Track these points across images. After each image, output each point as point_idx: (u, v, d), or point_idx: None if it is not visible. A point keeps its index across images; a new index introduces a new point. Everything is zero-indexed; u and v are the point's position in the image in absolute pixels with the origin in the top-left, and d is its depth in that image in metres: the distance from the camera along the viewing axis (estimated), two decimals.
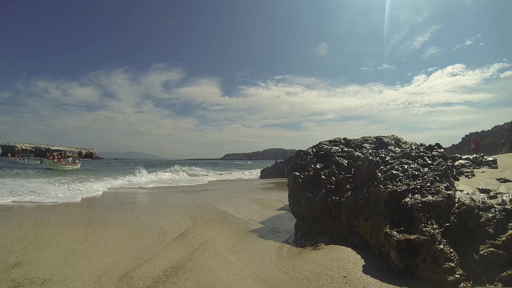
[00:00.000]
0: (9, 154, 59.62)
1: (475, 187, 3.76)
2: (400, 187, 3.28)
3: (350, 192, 4.08)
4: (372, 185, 3.72)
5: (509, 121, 30.58)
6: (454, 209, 2.93)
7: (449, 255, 2.53)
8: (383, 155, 4.46)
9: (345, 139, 5.87)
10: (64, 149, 70.22)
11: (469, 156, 6.25)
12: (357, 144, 5.61)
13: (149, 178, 17.40)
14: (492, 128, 35.78)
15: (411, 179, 3.46)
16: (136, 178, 16.13)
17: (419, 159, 4.07)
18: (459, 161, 5.44)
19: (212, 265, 3.36)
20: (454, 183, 3.86)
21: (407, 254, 2.68)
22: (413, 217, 2.91)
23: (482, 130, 36.62)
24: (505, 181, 3.95)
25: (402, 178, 3.52)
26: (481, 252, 2.64)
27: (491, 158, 6.22)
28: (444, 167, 3.82)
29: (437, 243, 2.60)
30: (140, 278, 3.01)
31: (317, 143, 5.91)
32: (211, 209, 7.10)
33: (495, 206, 2.98)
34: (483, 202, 3.06)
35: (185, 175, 21.78)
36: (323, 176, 4.56)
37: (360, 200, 3.73)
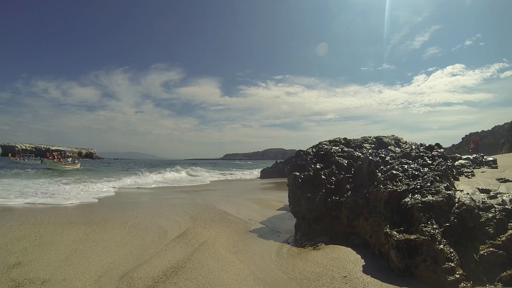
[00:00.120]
0: (10, 154, 59.68)
1: (475, 187, 3.76)
2: (400, 187, 3.28)
3: (350, 192, 4.08)
4: (372, 185, 3.72)
5: (509, 121, 30.56)
6: (454, 209, 2.93)
7: (449, 255, 2.53)
8: (383, 155, 4.46)
9: (345, 139, 5.86)
10: (64, 149, 70.24)
11: (469, 156, 6.25)
12: (357, 144, 5.60)
13: (153, 178, 17.56)
14: (492, 128, 35.75)
15: (411, 179, 3.46)
16: (140, 179, 16.30)
17: (419, 159, 4.07)
18: (459, 161, 5.44)
19: (212, 265, 3.36)
20: (454, 183, 3.86)
21: (407, 254, 2.68)
22: (413, 217, 2.91)
23: (482, 130, 36.59)
24: (505, 181, 3.95)
25: (402, 178, 3.52)
26: (481, 252, 2.65)
27: (491, 158, 6.22)
28: (444, 167, 3.82)
29: (437, 243, 2.61)
30: (140, 278, 3.01)
31: (317, 143, 5.90)
32: (211, 209, 7.10)
33: (495, 206, 2.98)
34: (483, 202, 3.06)
35: (187, 175, 21.94)
36: (323, 176, 4.56)
37: (360, 200, 3.73)
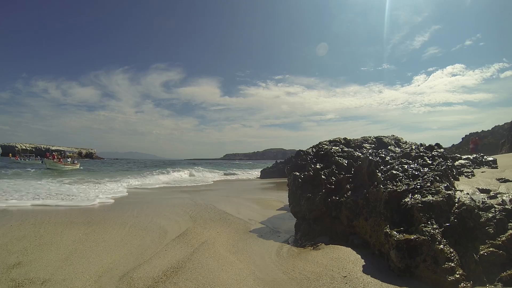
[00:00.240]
0: (10, 154, 59.81)
1: (475, 187, 3.76)
2: (400, 187, 3.28)
3: (350, 192, 4.08)
4: (372, 185, 3.72)
5: (509, 121, 30.51)
6: (454, 209, 2.93)
7: (449, 255, 2.53)
8: (383, 155, 4.46)
9: (345, 139, 5.86)
10: (64, 149, 70.26)
11: (469, 156, 6.24)
12: (357, 144, 5.60)
13: (160, 178, 17.73)
14: (492, 128, 35.70)
15: (411, 179, 3.46)
16: (146, 179, 16.47)
17: (419, 159, 4.07)
18: (459, 161, 5.44)
19: (212, 265, 3.36)
20: (454, 183, 3.85)
21: (407, 254, 2.68)
22: (413, 217, 2.91)
23: (482, 130, 36.54)
24: (505, 181, 3.94)
25: (402, 178, 3.52)
26: (481, 252, 2.64)
27: (491, 158, 6.22)
28: (444, 167, 3.82)
29: (437, 243, 2.60)
30: (140, 278, 3.01)
31: (317, 143, 5.91)
32: (211, 209, 7.10)
33: (495, 206, 2.97)
34: (483, 202, 3.06)
35: (190, 176, 22.10)
36: (323, 176, 4.56)
37: (360, 200, 3.73)
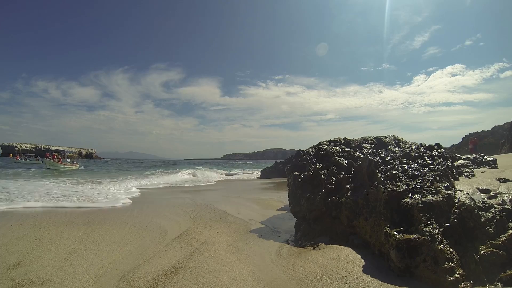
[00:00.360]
0: (11, 154, 59.98)
1: (475, 187, 3.76)
2: (400, 187, 3.28)
3: (350, 192, 4.08)
4: (372, 185, 3.72)
5: (509, 121, 30.53)
6: (454, 209, 2.93)
7: (449, 255, 2.53)
8: (383, 155, 4.46)
9: (345, 139, 5.86)
10: (64, 149, 70.30)
11: (469, 156, 6.24)
12: (357, 144, 5.60)
13: (164, 179, 17.70)
14: (492, 128, 35.72)
15: (411, 179, 3.46)
16: (152, 179, 16.51)
17: (419, 159, 4.07)
18: (459, 161, 5.44)
19: (212, 265, 3.36)
20: (454, 183, 3.85)
21: (407, 254, 2.68)
22: (413, 217, 2.91)
23: (482, 130, 36.57)
24: (505, 181, 3.94)
25: (402, 178, 3.52)
26: (481, 252, 2.64)
27: (491, 158, 6.22)
28: (444, 167, 3.82)
29: (437, 243, 2.60)
30: (140, 278, 3.01)
31: (317, 143, 5.91)
32: (211, 209, 7.10)
33: (495, 206, 2.97)
34: (483, 202, 3.06)
35: (192, 176, 22.12)
36: (323, 176, 4.56)
37: (360, 200, 3.73)
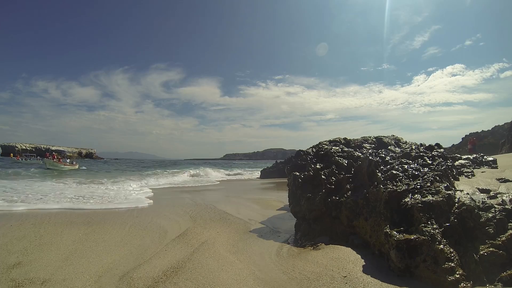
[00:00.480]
0: (12, 154, 60.13)
1: (475, 187, 3.76)
2: (400, 187, 3.28)
3: (350, 192, 4.08)
4: (372, 185, 3.72)
5: (509, 121, 30.55)
6: (454, 209, 2.93)
7: (449, 255, 2.53)
8: (383, 155, 4.46)
9: (345, 139, 5.86)
10: (64, 149, 70.29)
11: (469, 156, 6.25)
12: (357, 144, 5.60)
13: (167, 179, 17.65)
14: (492, 128, 35.75)
15: (411, 179, 3.46)
16: (160, 179, 16.53)
17: (419, 159, 4.07)
18: (459, 161, 5.44)
19: (212, 265, 3.36)
20: (454, 183, 3.85)
21: (407, 254, 2.68)
22: (413, 217, 2.91)
23: (482, 130, 36.59)
24: (505, 181, 3.95)
25: (402, 178, 3.52)
26: (481, 252, 2.65)
27: (491, 158, 6.22)
28: (444, 167, 3.82)
29: (437, 243, 2.60)
30: (140, 278, 3.01)
31: (317, 143, 5.91)
32: (211, 209, 7.10)
33: (495, 206, 2.98)
34: (483, 202, 3.06)
35: (194, 176, 22.10)
36: (323, 176, 4.56)
37: (360, 200, 3.73)
